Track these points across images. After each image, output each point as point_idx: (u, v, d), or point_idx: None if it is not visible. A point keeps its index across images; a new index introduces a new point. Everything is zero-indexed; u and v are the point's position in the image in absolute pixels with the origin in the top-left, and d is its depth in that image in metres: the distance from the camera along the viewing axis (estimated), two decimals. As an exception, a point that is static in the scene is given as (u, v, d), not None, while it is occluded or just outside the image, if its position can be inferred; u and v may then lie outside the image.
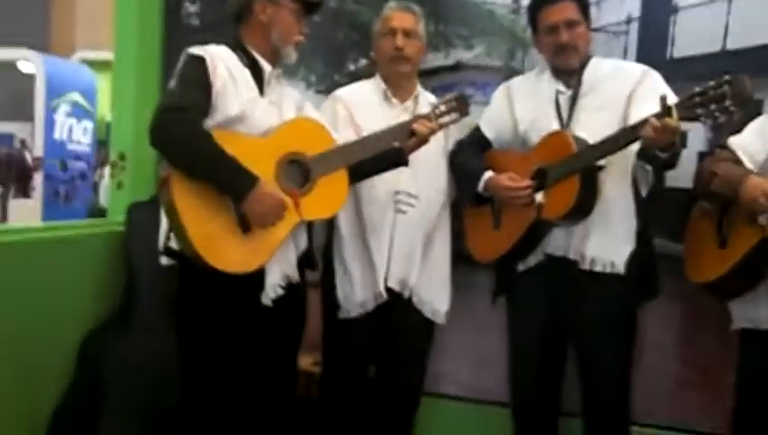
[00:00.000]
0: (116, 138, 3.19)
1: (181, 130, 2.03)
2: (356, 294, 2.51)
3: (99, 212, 8.40)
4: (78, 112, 9.97)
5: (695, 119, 2.02)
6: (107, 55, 3.24)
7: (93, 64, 10.15)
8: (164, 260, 2.18)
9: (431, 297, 2.57)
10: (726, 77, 1.97)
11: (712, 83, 1.98)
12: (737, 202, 2.15)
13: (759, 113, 2.42)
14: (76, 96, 9.90)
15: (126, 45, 3.17)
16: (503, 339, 2.58)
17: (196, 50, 2.16)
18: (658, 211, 2.48)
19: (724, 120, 1.99)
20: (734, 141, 2.27)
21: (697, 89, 2.01)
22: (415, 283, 2.52)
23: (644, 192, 2.38)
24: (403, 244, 2.50)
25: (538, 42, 2.48)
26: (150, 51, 3.22)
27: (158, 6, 3.26)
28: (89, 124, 10.07)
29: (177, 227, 2.06)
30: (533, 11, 2.47)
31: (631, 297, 2.37)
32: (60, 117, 9.70)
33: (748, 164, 2.21)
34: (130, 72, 3.15)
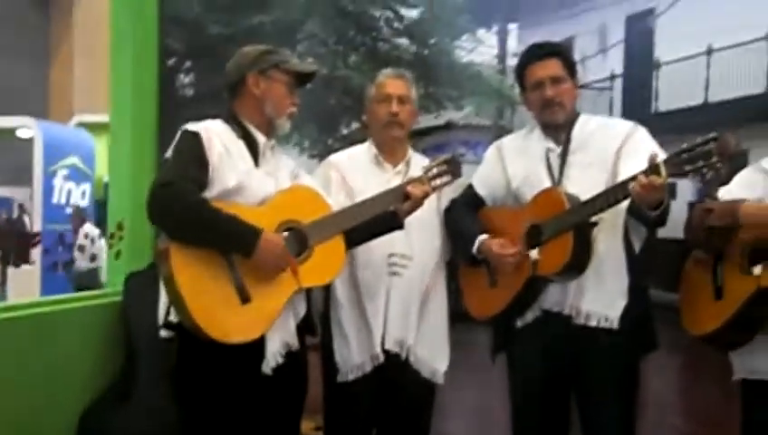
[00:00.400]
0: (113, 207, 3.21)
1: (178, 202, 2.06)
2: (353, 357, 2.52)
3: (85, 277, 8.42)
4: (76, 176, 10.10)
5: (683, 175, 2.06)
6: (105, 118, 3.29)
7: (92, 127, 10.33)
8: (163, 333, 2.19)
9: (429, 357, 2.56)
10: (712, 134, 2.01)
11: (698, 140, 2.03)
12: (735, 240, 2.17)
13: (745, 163, 2.47)
14: (74, 160, 10.06)
15: (121, 115, 3.21)
16: (504, 396, 2.57)
17: (191, 126, 2.21)
18: (652, 262, 2.50)
19: (711, 175, 2.03)
20: (723, 192, 2.31)
21: (684, 145, 2.05)
22: (412, 343, 2.52)
23: (637, 247, 2.40)
24: (399, 305, 2.52)
25: (526, 99, 2.55)
26: (145, 120, 3.27)
27: (152, 77, 3.32)
28: (87, 187, 10.19)
29: (176, 299, 2.07)
30: (521, 69, 2.54)
31: (629, 351, 2.37)
32: (58, 181, 9.84)
33: None
34: (126, 143, 3.19)
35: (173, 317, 2.14)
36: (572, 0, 13.63)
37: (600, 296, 2.33)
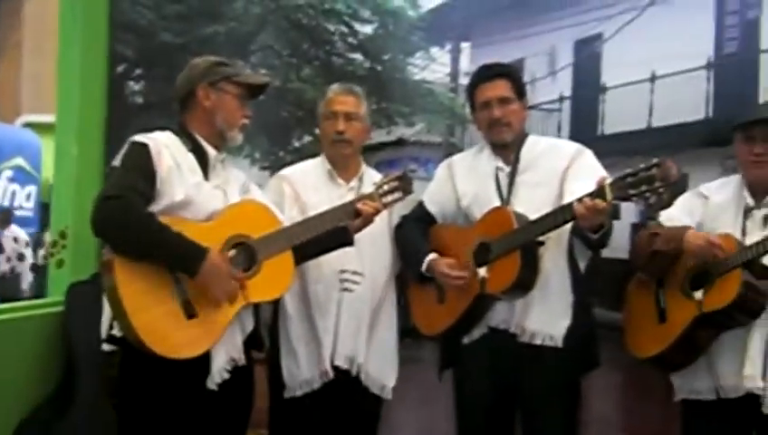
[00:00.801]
0: (56, 215, 3.13)
1: (123, 216, 2.02)
2: (302, 373, 2.50)
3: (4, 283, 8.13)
4: (21, 177, 9.79)
5: (627, 199, 2.12)
6: (53, 118, 3.21)
7: (39, 127, 10.01)
8: (106, 347, 2.13)
9: (379, 373, 2.57)
10: (655, 160, 2.07)
11: (642, 166, 2.09)
12: (678, 264, 2.24)
13: (685, 187, 2.56)
14: (19, 161, 9.75)
15: (67, 120, 3.14)
16: (451, 413, 2.58)
17: (140, 137, 2.17)
18: (596, 281, 2.56)
19: (654, 200, 2.09)
20: (664, 217, 2.38)
21: (628, 170, 2.11)
22: (363, 360, 2.52)
23: (582, 266, 2.46)
24: (350, 321, 2.52)
25: (475, 118, 2.59)
26: (92, 127, 3.20)
27: (100, 82, 3.26)
28: (33, 189, 9.87)
29: (119, 313, 2.03)
30: (471, 89, 2.59)
31: (572, 369, 2.42)
32: (2, 183, 9.51)
33: None
34: (72, 149, 3.12)
35: (116, 331, 2.09)
36: (523, 22, 13.89)
37: (545, 315, 2.37)
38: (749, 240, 2.20)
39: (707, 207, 2.33)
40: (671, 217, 2.36)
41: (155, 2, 9.16)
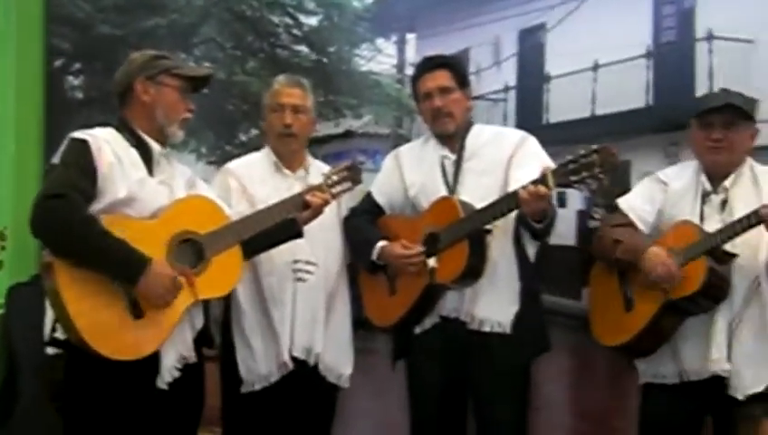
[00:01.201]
0: (-6, 216, 3.04)
1: (63, 218, 1.97)
2: (259, 367, 2.48)
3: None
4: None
5: (569, 185, 2.17)
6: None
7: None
8: (49, 350, 2.08)
9: (336, 362, 2.57)
10: (594, 146, 2.12)
11: (582, 152, 2.13)
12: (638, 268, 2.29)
13: (626, 174, 2.61)
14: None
15: (3, 117, 3.06)
16: (404, 402, 2.60)
17: (79, 134, 2.11)
18: (545, 269, 2.60)
19: (595, 186, 2.13)
20: (625, 205, 2.43)
21: (569, 157, 2.15)
22: (320, 350, 2.51)
23: (531, 253, 2.49)
24: (306, 312, 2.50)
25: (420, 109, 2.62)
26: (30, 123, 3.12)
27: (36, 78, 3.17)
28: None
29: (62, 315, 1.97)
30: (414, 80, 2.61)
31: (521, 355, 2.45)
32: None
33: (639, 225, 2.39)
34: (9, 146, 3.04)
35: (59, 334, 2.03)
36: (468, 13, 14.02)
37: (493, 302, 2.41)
38: (707, 225, 2.26)
39: (667, 193, 2.39)
40: (633, 205, 2.41)
41: (92, -7, 8.93)
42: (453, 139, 2.53)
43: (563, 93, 11.99)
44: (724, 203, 2.31)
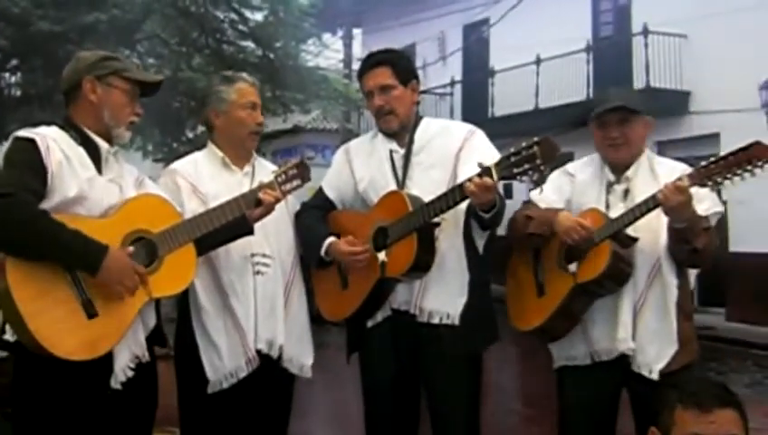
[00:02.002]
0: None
1: (15, 215, 1.95)
2: (226, 365, 2.45)
3: None
4: None
5: (512, 177, 2.23)
6: None
7: None
8: None
9: (297, 353, 2.58)
10: (535, 138, 2.20)
11: (523, 144, 2.20)
12: (552, 241, 2.39)
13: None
14: None
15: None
16: (359, 394, 2.63)
17: (24, 133, 2.09)
18: (493, 260, 2.67)
19: (537, 177, 2.21)
20: (536, 196, 2.53)
21: (511, 150, 2.22)
22: (283, 341, 2.51)
23: (480, 245, 2.54)
24: (266, 304, 2.51)
25: (366, 105, 2.66)
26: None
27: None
28: None
29: (13, 316, 1.95)
30: (359, 78, 2.65)
31: (471, 345, 2.50)
32: None
33: None
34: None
35: (9, 336, 2.01)
36: (414, 8, 14.09)
37: (442, 294, 2.45)
38: (612, 212, 2.38)
39: (574, 184, 2.51)
40: (543, 196, 2.51)
41: (29, -12, 8.65)
42: (401, 133, 2.57)
43: (508, 87, 12.17)
44: (626, 192, 2.44)
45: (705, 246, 2.29)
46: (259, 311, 2.49)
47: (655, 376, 2.33)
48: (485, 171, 2.24)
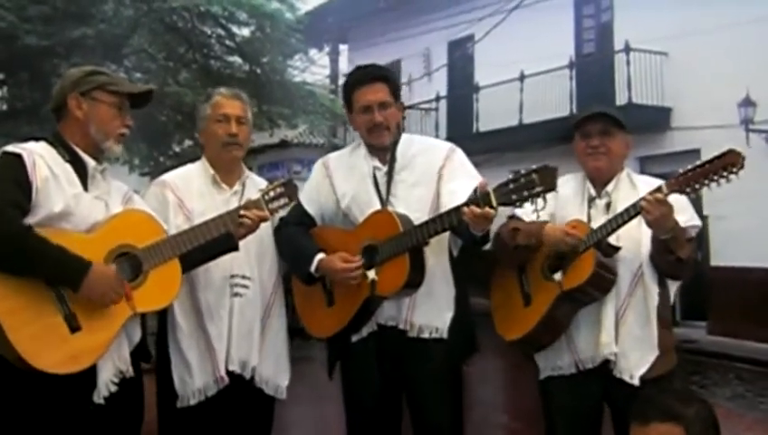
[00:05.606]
0: None
1: None
2: (195, 382, 2.47)
3: None
4: None
5: (511, 204, 2.27)
6: None
7: None
8: None
9: (272, 374, 2.58)
10: (534, 166, 2.23)
11: (522, 171, 2.24)
12: (537, 252, 2.43)
13: (554, 179, 2.74)
14: None
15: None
16: (341, 409, 2.64)
17: (11, 148, 2.11)
18: (475, 273, 2.71)
19: (539, 205, 2.25)
20: (520, 211, 2.55)
21: (510, 176, 2.25)
22: (256, 363, 2.52)
23: (455, 252, 2.57)
24: (242, 326, 2.51)
25: (352, 120, 2.65)
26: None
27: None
28: None
29: None
30: (348, 90, 2.63)
31: (455, 356, 2.54)
32: None
33: None
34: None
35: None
36: (399, 24, 14.19)
37: (432, 309, 2.48)
38: (595, 225, 2.43)
39: (557, 199, 2.54)
40: (526, 211, 2.55)
41: (16, 3, 8.63)
42: (383, 149, 2.58)
43: (492, 103, 12.26)
44: (608, 206, 2.50)
45: (688, 257, 2.36)
46: (234, 332, 2.49)
47: (636, 381, 2.37)
48: (484, 198, 2.26)
